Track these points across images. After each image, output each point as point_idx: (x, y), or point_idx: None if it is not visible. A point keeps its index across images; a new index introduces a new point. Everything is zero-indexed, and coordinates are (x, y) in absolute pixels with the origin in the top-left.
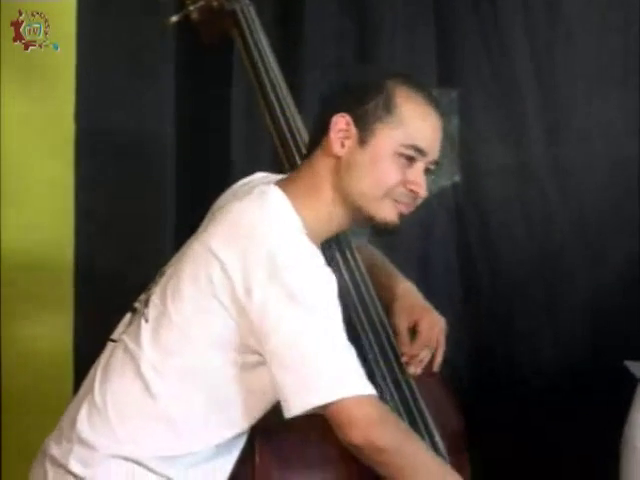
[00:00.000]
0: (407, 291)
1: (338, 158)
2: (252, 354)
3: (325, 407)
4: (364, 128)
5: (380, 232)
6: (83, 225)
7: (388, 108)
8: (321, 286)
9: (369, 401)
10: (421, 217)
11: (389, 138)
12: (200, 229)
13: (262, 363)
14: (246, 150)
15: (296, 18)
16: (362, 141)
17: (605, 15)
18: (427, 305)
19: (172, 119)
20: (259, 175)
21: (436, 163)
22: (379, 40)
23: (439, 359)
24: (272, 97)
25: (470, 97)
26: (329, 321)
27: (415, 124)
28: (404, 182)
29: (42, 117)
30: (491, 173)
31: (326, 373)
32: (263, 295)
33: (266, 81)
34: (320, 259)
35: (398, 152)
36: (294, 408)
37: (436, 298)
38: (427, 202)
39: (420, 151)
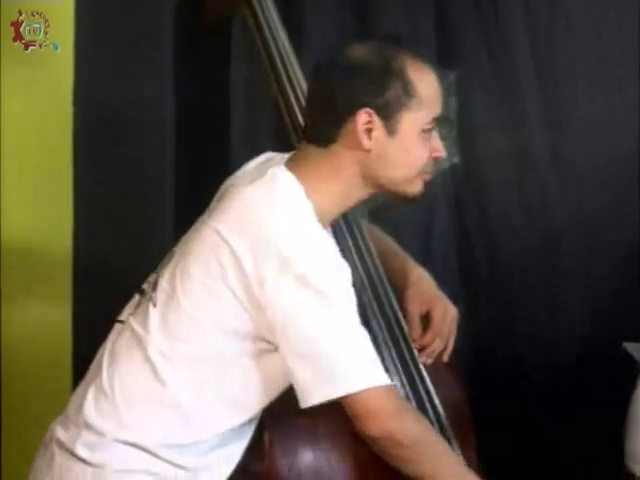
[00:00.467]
0: (421, 278)
1: (367, 151)
2: (262, 342)
3: (342, 399)
4: (389, 117)
5: (402, 202)
6: (81, 213)
7: (408, 92)
8: (335, 275)
9: (388, 392)
10: (420, 206)
11: (415, 122)
12: (206, 213)
13: (272, 351)
14: (246, 137)
15: (297, 11)
16: (390, 131)
17: None
18: (440, 294)
19: (171, 105)
20: (267, 156)
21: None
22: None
23: (450, 349)
24: (285, 78)
25: (469, 83)
26: (345, 310)
27: (430, 98)
28: (430, 153)
29: (41, 109)
30: (490, 160)
31: (344, 364)
32: (277, 286)
33: (278, 60)
34: (332, 247)
35: (423, 129)
36: (311, 399)
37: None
38: (426, 190)
39: (437, 119)
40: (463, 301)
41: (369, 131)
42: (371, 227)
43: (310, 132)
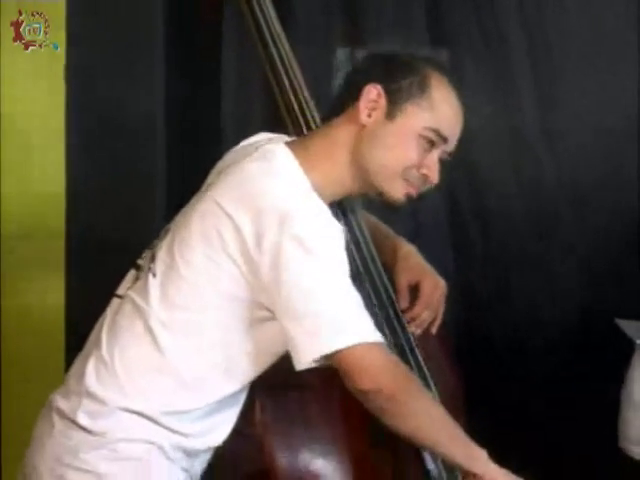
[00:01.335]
0: (410, 253)
1: (362, 127)
2: (261, 310)
3: (335, 354)
4: (395, 103)
5: (385, 204)
6: (75, 189)
7: (422, 89)
8: (330, 238)
9: (378, 348)
10: None
11: (417, 118)
12: (203, 188)
13: (270, 319)
14: (236, 121)
15: None
16: (390, 115)
17: None
18: (429, 267)
19: (162, 91)
20: (263, 135)
21: (450, 155)
22: (369, 15)
23: (438, 321)
24: (279, 64)
25: (461, 60)
26: (338, 271)
27: (444, 110)
28: (420, 165)
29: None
30: (483, 138)
31: (335, 322)
32: (273, 248)
33: (271, 45)
34: (328, 213)
35: (422, 134)
36: (304, 357)
37: (428, 260)
38: None
39: (443, 137)
40: (456, 276)
41: (371, 109)
42: (363, 212)
43: (328, 112)
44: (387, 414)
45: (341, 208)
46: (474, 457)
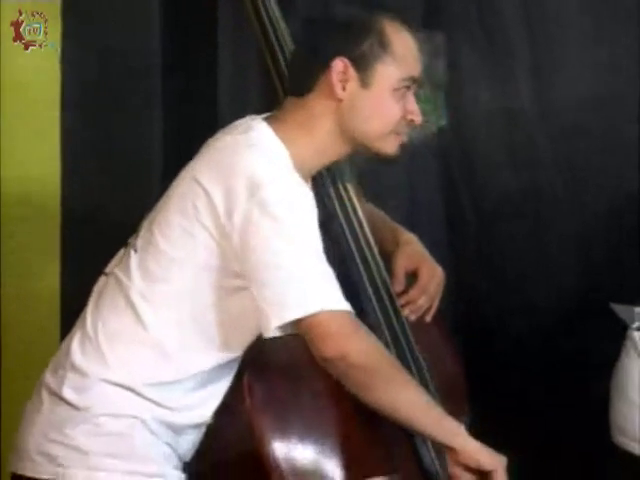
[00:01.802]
0: (410, 240)
1: (339, 101)
2: (236, 278)
3: (300, 322)
4: (364, 70)
5: (380, 160)
6: (69, 169)
7: (383, 46)
8: (299, 206)
9: (344, 315)
10: (407, 161)
11: (389, 76)
12: (190, 164)
13: (246, 287)
14: (233, 100)
15: None
16: (364, 83)
17: None
18: (429, 255)
19: (159, 64)
20: (253, 117)
21: (418, 82)
22: None
23: (434, 309)
24: (272, 37)
25: (456, 40)
26: (307, 240)
27: (407, 56)
28: (404, 114)
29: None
30: (478, 116)
31: (301, 289)
32: (243, 215)
33: (266, 20)
34: (302, 186)
35: (396, 87)
36: (271, 324)
37: (421, 241)
38: (413, 146)
39: (415, 80)
40: (450, 254)
41: (344, 82)
42: (362, 200)
43: (291, 84)
44: (353, 385)
45: (335, 189)
46: (452, 432)
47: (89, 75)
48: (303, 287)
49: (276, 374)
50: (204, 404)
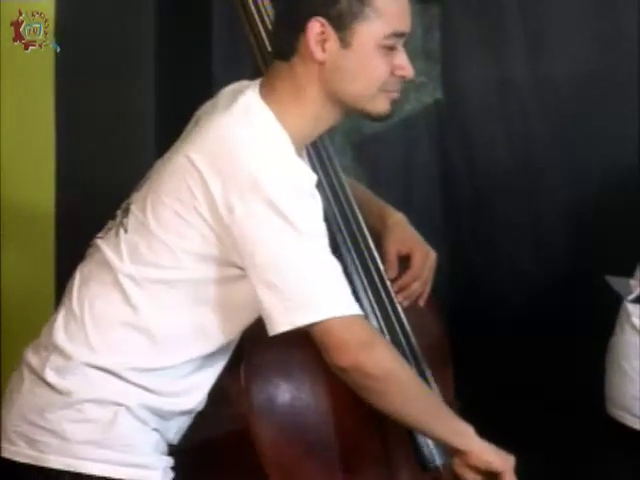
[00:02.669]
0: (400, 222)
1: (322, 63)
2: (232, 267)
3: (312, 327)
4: (343, 29)
5: (374, 121)
6: (63, 142)
7: (362, 1)
8: (306, 202)
9: (358, 322)
10: (402, 135)
11: (371, 33)
12: (182, 137)
13: (242, 277)
14: (227, 64)
15: None
16: (344, 43)
17: None
18: (420, 237)
19: (151, 33)
20: (244, 83)
21: (408, 35)
22: None
23: (427, 293)
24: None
25: (451, 11)
26: (314, 239)
27: (390, 10)
28: (392, 70)
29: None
30: (472, 87)
31: (313, 292)
32: (246, 210)
33: None
34: (306, 176)
35: (381, 44)
36: (278, 327)
37: (417, 214)
38: (408, 119)
39: (401, 35)
40: (446, 229)
41: (323, 42)
42: (350, 179)
43: (274, 48)
44: (366, 393)
45: (323, 169)
46: (460, 433)
47: (82, 43)
48: (313, 290)
49: (272, 360)
50: (194, 391)
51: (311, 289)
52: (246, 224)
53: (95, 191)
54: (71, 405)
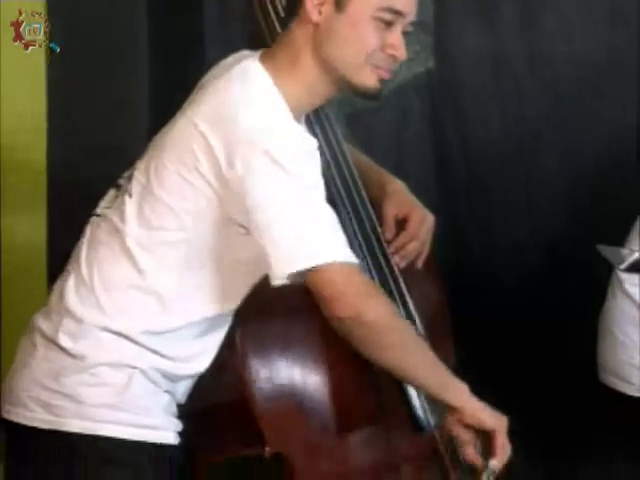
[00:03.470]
0: (399, 187)
1: (316, 26)
2: (235, 226)
3: (311, 277)
4: None
5: (363, 97)
6: (55, 121)
7: None
8: (304, 155)
9: (356, 272)
10: (394, 105)
11: (366, 2)
12: (185, 105)
13: (245, 235)
14: (219, 30)
15: None
16: (339, 7)
17: None
18: (418, 202)
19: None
20: (246, 53)
21: (413, 23)
22: None
23: (424, 254)
24: None
25: None
26: (312, 189)
27: None
28: (383, 46)
29: None
30: (466, 65)
31: (312, 238)
32: (247, 164)
33: None
34: (305, 133)
35: (375, 16)
36: (278, 273)
37: (410, 187)
38: (401, 92)
39: (398, 13)
40: (439, 202)
41: (320, 5)
42: (350, 147)
43: (282, 16)
44: (363, 344)
45: (324, 134)
46: (454, 390)
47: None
48: (313, 237)
49: (268, 324)
50: (203, 354)
51: (311, 236)
52: (247, 178)
53: (87, 176)
54: (86, 369)
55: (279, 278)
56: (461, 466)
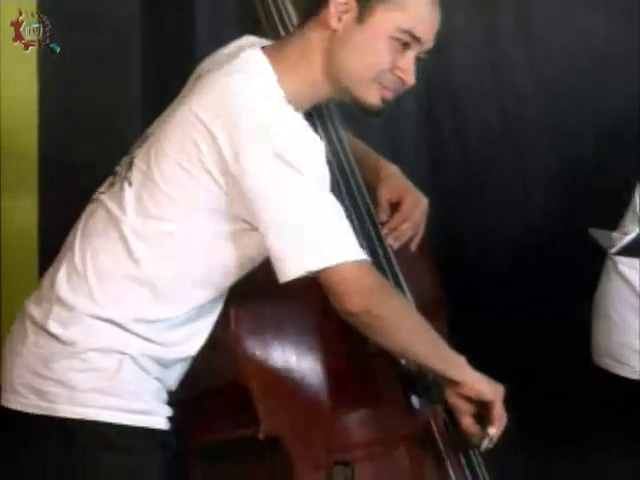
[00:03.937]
0: (393, 173)
1: (334, 32)
2: (237, 221)
3: (322, 273)
4: (364, 5)
5: (362, 111)
6: (46, 104)
7: None
8: (310, 150)
9: (367, 267)
10: (389, 112)
11: (387, 20)
12: (183, 92)
13: (247, 230)
14: (211, 29)
15: None
16: (360, 18)
17: None
18: (412, 186)
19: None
20: (249, 39)
21: (428, 52)
22: None
23: (418, 237)
24: None
25: None
26: (320, 185)
27: (416, 10)
28: (394, 68)
29: None
30: (459, 43)
31: (321, 238)
32: (252, 162)
33: None
34: (307, 127)
35: (394, 36)
36: (290, 272)
37: (403, 171)
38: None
39: (416, 38)
40: (434, 191)
41: (343, 12)
42: (345, 132)
43: (303, 14)
44: (375, 334)
45: (320, 119)
46: (454, 365)
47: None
48: (324, 236)
49: (262, 303)
50: (195, 337)
51: (321, 234)
52: (253, 174)
53: (79, 162)
54: (76, 355)
55: (288, 277)
56: (456, 451)
